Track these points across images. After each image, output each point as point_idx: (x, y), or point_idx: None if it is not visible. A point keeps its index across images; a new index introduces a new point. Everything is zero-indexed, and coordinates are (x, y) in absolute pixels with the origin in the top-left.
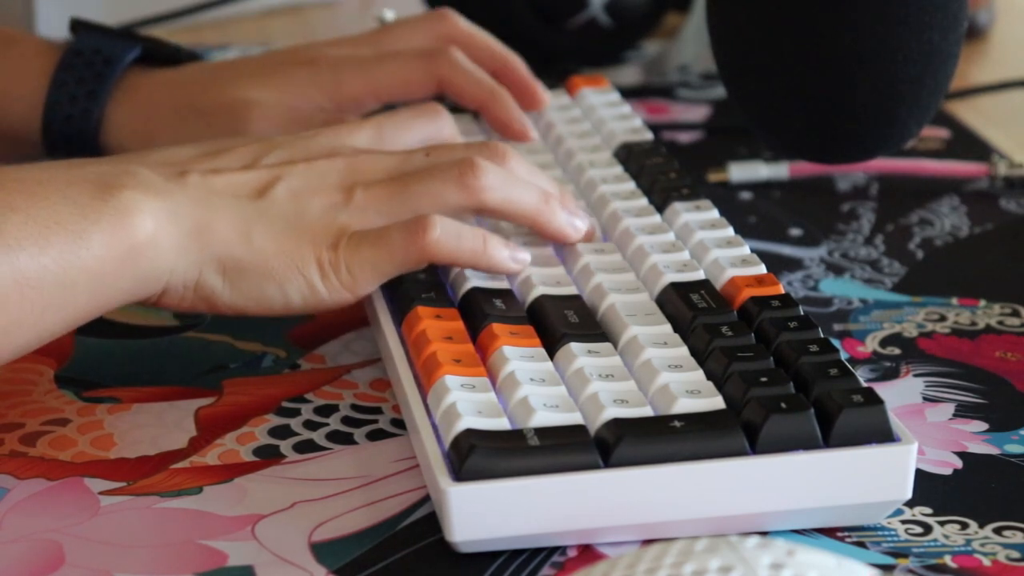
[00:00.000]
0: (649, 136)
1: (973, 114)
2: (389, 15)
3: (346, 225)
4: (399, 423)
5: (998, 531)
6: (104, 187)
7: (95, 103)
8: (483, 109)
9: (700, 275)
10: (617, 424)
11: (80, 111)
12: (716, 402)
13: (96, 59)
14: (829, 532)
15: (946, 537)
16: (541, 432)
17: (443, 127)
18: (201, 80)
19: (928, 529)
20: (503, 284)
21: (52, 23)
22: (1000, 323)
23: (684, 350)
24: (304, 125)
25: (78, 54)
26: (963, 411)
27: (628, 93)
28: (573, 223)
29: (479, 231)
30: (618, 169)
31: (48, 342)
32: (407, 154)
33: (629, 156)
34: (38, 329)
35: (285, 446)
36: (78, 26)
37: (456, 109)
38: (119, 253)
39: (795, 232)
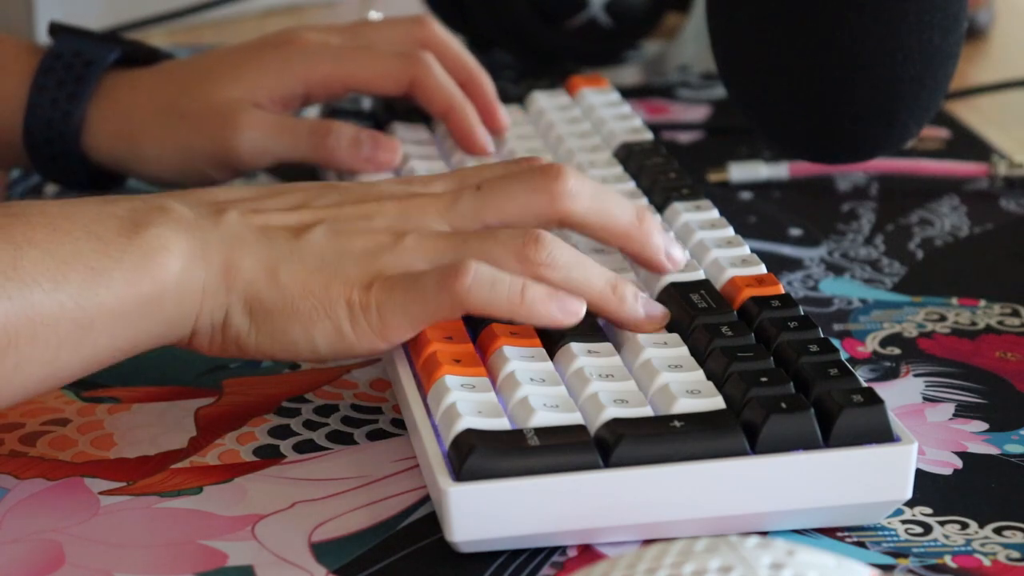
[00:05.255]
0: (649, 136)
1: (973, 114)
2: (375, 17)
3: (385, 267)
4: (399, 423)
5: (998, 531)
6: (132, 224)
7: (76, 106)
8: (448, 117)
9: (700, 275)
10: (617, 424)
11: (61, 114)
12: (716, 402)
13: (76, 62)
14: (829, 532)
15: (946, 537)
16: (541, 432)
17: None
18: (179, 80)
19: (928, 529)
20: None
21: None
22: (1000, 323)
23: (684, 350)
24: (285, 107)
25: (58, 57)
26: (963, 411)
27: (628, 93)
28: (651, 315)
29: (518, 279)
30: (618, 169)
31: (67, 382)
32: (457, 192)
33: (629, 156)
34: (53, 368)
35: (285, 446)
36: (57, 30)
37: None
38: (142, 293)
39: (795, 232)
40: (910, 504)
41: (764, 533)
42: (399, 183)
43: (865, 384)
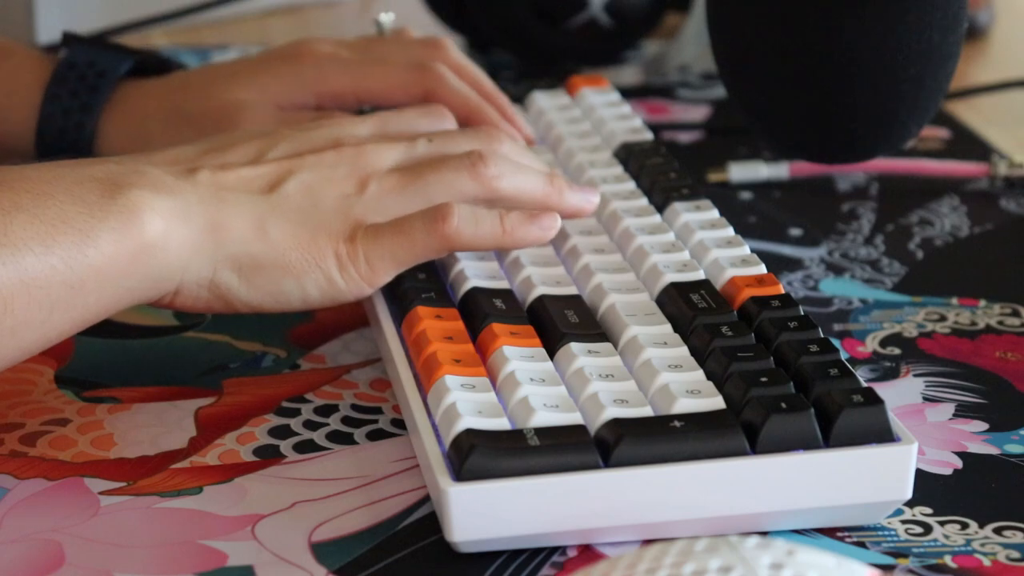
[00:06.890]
0: (649, 136)
1: (973, 114)
2: (386, 19)
3: (362, 217)
4: (399, 423)
5: (998, 531)
6: (112, 186)
7: (89, 116)
8: (469, 120)
9: (700, 275)
10: (617, 424)
11: (74, 124)
12: (716, 402)
13: (89, 72)
14: (829, 532)
15: (946, 537)
16: (541, 432)
17: (446, 126)
18: (189, 86)
19: (928, 529)
20: (503, 284)
21: (52, 25)
22: (1000, 323)
23: (684, 350)
24: (291, 123)
25: (72, 67)
26: (963, 411)
27: (628, 93)
28: (586, 197)
29: (495, 212)
30: (618, 169)
31: (56, 343)
32: (411, 142)
33: (629, 156)
34: (46, 329)
35: (285, 446)
36: (71, 40)
37: None
38: (128, 252)
39: (795, 232)
40: (910, 504)
41: (764, 533)
42: (331, 125)
43: (865, 384)
